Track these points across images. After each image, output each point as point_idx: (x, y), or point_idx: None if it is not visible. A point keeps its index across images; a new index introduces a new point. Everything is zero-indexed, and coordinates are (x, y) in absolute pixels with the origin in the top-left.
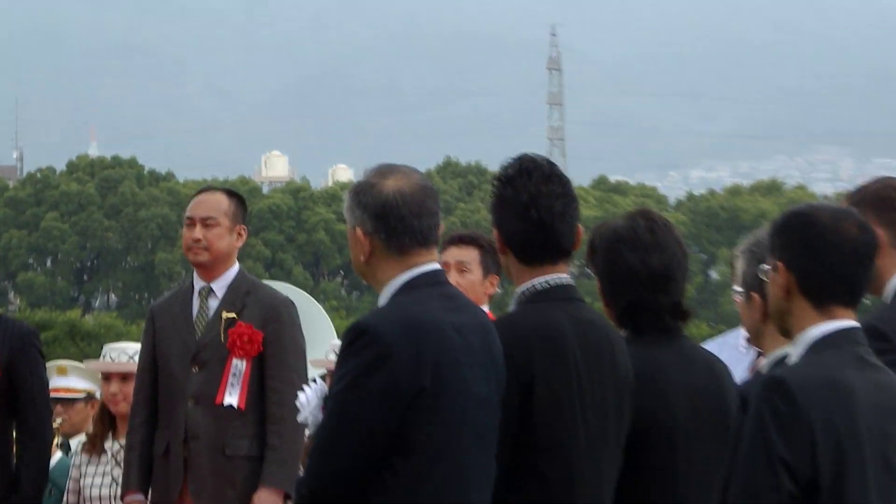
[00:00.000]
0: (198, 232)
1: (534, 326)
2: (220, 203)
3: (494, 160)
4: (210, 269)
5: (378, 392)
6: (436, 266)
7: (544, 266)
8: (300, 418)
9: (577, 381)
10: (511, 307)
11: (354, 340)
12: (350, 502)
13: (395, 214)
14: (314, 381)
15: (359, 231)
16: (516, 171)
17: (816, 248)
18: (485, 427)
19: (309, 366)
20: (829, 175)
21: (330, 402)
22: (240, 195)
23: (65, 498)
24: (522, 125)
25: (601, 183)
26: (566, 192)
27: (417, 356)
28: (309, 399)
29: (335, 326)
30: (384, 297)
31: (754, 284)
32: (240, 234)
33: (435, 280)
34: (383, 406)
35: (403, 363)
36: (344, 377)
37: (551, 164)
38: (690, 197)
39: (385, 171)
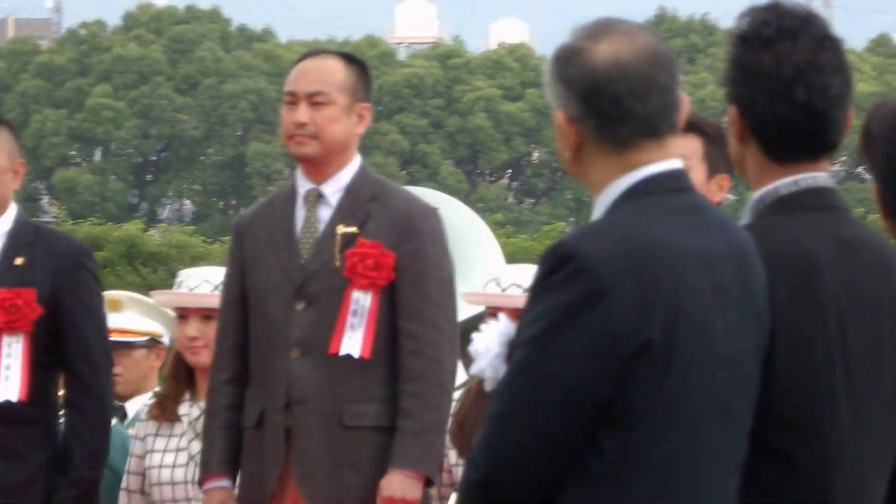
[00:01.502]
0: (302, 113)
1: (776, 248)
2: (333, 72)
3: (726, 13)
4: (320, 166)
5: (587, 342)
6: (674, 165)
7: (801, 164)
8: (475, 370)
9: (838, 328)
10: (744, 219)
11: (555, 269)
12: (539, 491)
13: (609, 94)
14: (491, 317)
15: (562, 116)
16: (774, 31)
17: None
18: (735, 397)
19: (461, 301)
20: None
21: (518, 351)
22: (362, 62)
23: (123, 482)
24: None
25: (881, 44)
26: (842, 63)
27: (644, 296)
28: (488, 344)
29: (500, 247)
30: (599, 209)
31: None
32: (362, 117)
33: (672, 185)
34: (593, 362)
35: (624, 305)
36: (539, 319)
37: (821, 21)
38: None
39: (598, 30)
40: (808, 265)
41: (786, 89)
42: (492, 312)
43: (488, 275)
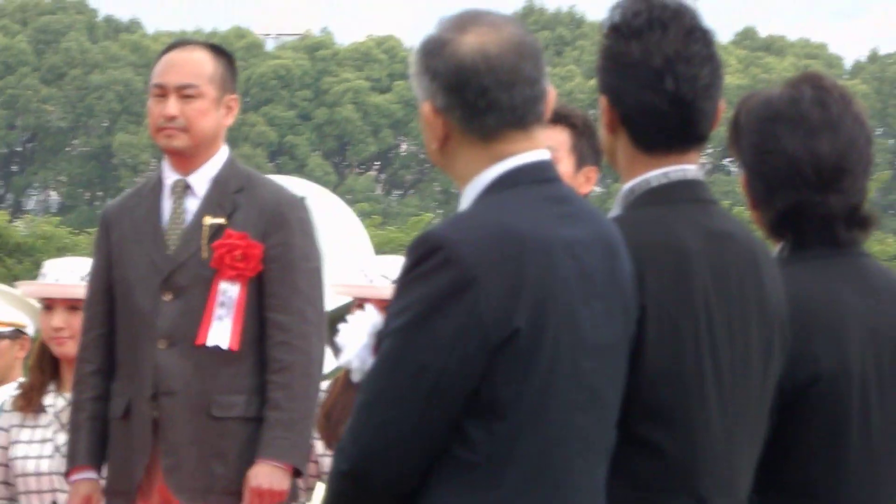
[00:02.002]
0: (172, 106)
1: (646, 240)
2: (202, 64)
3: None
4: (188, 158)
5: (454, 332)
6: (541, 156)
7: (670, 155)
8: (341, 361)
9: (705, 318)
10: (613, 210)
11: (423, 260)
12: (407, 482)
13: (474, 85)
14: (360, 308)
15: (428, 107)
16: (645, 21)
17: None
18: (603, 387)
19: (329, 292)
20: None
21: (386, 342)
22: (229, 53)
23: None
24: None
25: (746, 37)
26: (712, 54)
27: (511, 286)
28: (355, 335)
29: (368, 238)
30: (466, 200)
31: None
32: (230, 108)
33: (539, 175)
34: (460, 351)
35: (491, 295)
36: (406, 310)
37: (691, 12)
38: (873, 58)
39: (464, 21)
40: (679, 256)
41: (654, 79)
42: (359, 303)
43: (356, 265)
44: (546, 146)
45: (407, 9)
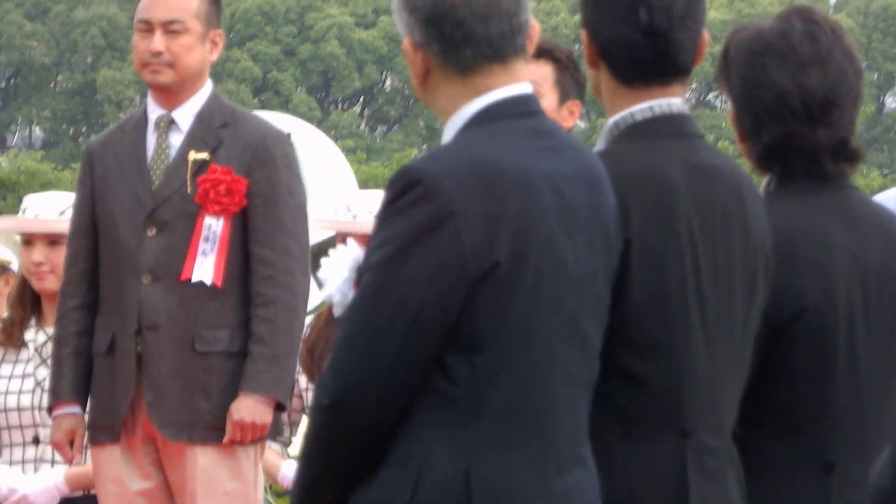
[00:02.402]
0: (158, 41)
1: (630, 172)
2: (187, 0)
3: None
4: (173, 93)
5: (434, 265)
6: (522, 89)
7: (651, 88)
8: (323, 295)
9: (690, 251)
10: (598, 145)
11: (403, 193)
12: (388, 415)
13: (451, 18)
14: (340, 243)
15: (408, 42)
16: None
17: None
18: (585, 319)
19: (314, 227)
20: None
21: (366, 276)
22: None
23: None
24: None
25: None
26: None
27: (491, 218)
28: (337, 269)
29: (353, 174)
30: (448, 134)
31: None
32: (214, 43)
33: (521, 109)
34: (440, 283)
35: (471, 227)
36: (387, 243)
37: None
38: None
39: None
40: (663, 190)
41: (628, 11)
42: (342, 238)
43: (340, 201)
44: (529, 80)
45: None
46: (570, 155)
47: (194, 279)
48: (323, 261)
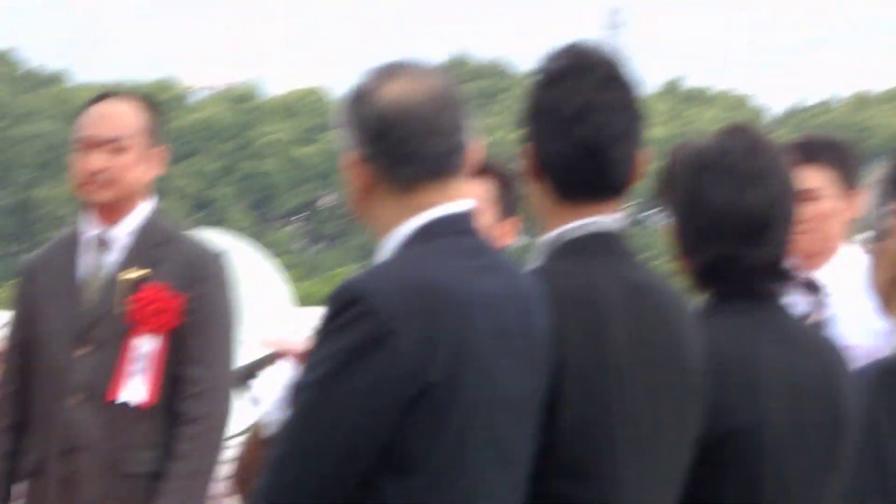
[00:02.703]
0: (98, 160)
1: (565, 292)
2: (128, 117)
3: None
4: (112, 211)
5: (369, 385)
6: (461, 207)
7: (588, 204)
8: (259, 414)
9: (622, 372)
10: (534, 261)
11: (341, 311)
12: None
13: (395, 134)
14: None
15: (351, 157)
16: (563, 69)
17: None
18: (516, 442)
19: (250, 344)
20: None
21: (301, 395)
22: (154, 105)
23: None
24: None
25: (673, 89)
26: (630, 103)
27: (428, 339)
28: (271, 387)
29: (291, 291)
30: (385, 250)
31: (883, 230)
32: (156, 160)
33: (459, 227)
34: (375, 404)
35: (407, 347)
36: (323, 362)
37: (613, 62)
38: (797, 109)
39: (389, 72)
40: (596, 309)
41: (567, 126)
42: (279, 356)
43: (277, 318)
44: (469, 197)
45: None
46: (506, 275)
47: (123, 400)
48: (259, 379)
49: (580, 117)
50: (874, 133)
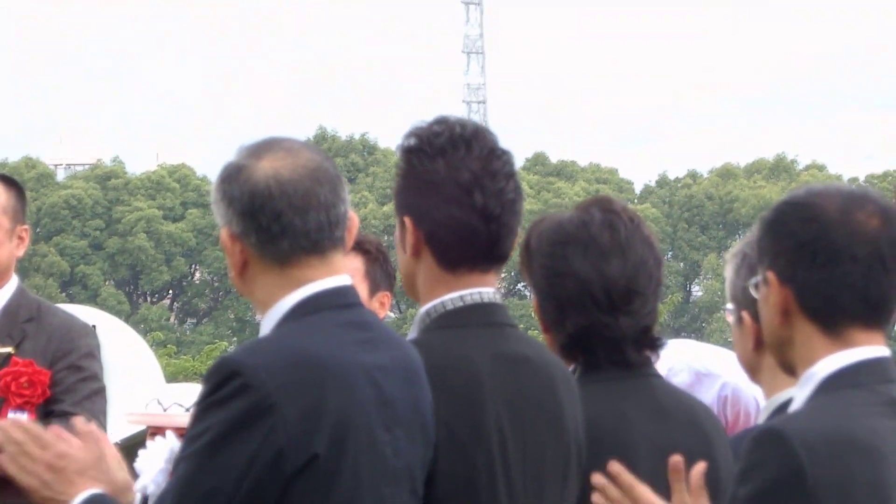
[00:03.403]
0: None
1: (439, 364)
2: None
3: (385, 133)
4: None
5: (248, 457)
6: (340, 281)
7: (473, 273)
8: (138, 486)
9: (498, 442)
10: (410, 334)
11: (221, 385)
12: None
13: (268, 210)
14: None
15: (226, 234)
16: (447, 141)
17: (819, 252)
18: None
19: (123, 421)
20: (856, 148)
21: (180, 466)
22: (18, 183)
23: None
24: (428, 81)
25: (538, 163)
26: (512, 172)
27: (310, 411)
28: (152, 460)
29: (163, 366)
30: (266, 326)
31: (746, 302)
32: (21, 239)
33: (339, 301)
34: (253, 477)
35: (289, 420)
36: (202, 434)
37: (489, 133)
38: (664, 182)
39: (261, 148)
40: (470, 381)
41: (463, 194)
42: (153, 432)
43: (149, 394)
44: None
45: (199, 137)
46: (389, 347)
47: None
48: (140, 452)
49: (476, 184)
50: (743, 203)
